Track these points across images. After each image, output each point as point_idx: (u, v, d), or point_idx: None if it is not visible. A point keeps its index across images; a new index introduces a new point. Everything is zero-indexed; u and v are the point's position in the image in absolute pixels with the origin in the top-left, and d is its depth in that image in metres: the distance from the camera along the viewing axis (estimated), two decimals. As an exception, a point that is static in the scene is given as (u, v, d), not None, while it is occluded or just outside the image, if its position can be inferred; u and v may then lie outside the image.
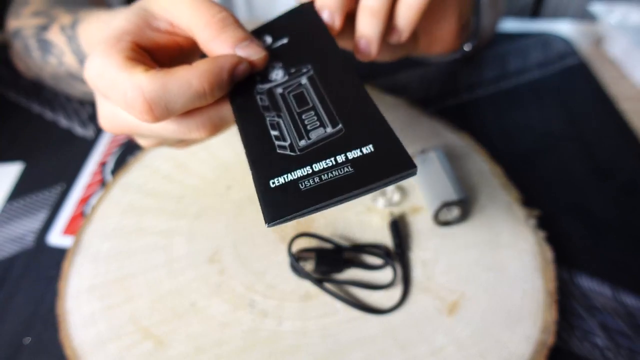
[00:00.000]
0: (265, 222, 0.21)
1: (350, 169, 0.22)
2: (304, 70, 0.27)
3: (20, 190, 0.45)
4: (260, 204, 0.22)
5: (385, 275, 0.35)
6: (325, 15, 0.30)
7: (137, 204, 0.41)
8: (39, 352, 0.33)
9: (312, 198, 0.21)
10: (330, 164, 0.22)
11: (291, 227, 0.38)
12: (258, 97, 0.27)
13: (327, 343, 0.32)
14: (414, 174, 0.21)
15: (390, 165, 0.21)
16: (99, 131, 0.51)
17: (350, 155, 0.22)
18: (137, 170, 0.44)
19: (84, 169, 0.47)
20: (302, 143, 0.24)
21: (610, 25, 0.61)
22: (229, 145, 0.46)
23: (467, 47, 0.43)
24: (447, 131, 0.46)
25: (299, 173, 0.22)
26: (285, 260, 0.36)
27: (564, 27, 0.67)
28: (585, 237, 0.39)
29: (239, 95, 0.27)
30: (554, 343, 0.31)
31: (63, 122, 0.52)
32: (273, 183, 0.22)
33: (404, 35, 0.31)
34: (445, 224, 0.38)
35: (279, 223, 0.21)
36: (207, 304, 0.34)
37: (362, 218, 0.39)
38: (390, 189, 0.40)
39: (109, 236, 0.38)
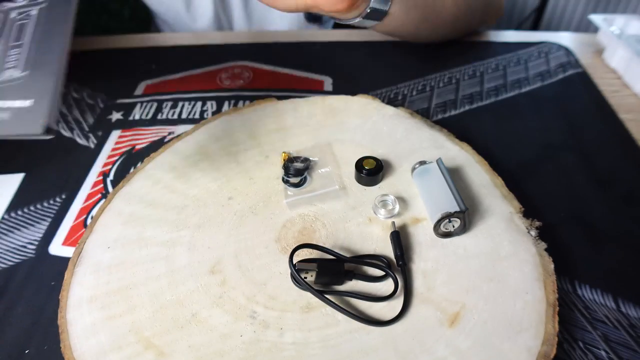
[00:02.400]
0: None
1: (5, 117, 0.25)
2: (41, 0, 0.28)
3: (22, 200, 0.45)
4: None
5: (386, 286, 0.35)
6: None
7: (138, 214, 0.41)
8: (39, 363, 0.33)
9: None
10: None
11: (292, 238, 0.38)
12: None
13: (328, 354, 0.31)
14: (41, 136, 0.25)
15: (24, 123, 0.24)
16: (100, 142, 0.51)
17: (17, 104, 0.25)
18: (139, 181, 0.44)
19: (85, 180, 0.47)
20: None
21: (610, 36, 0.61)
22: (231, 156, 0.46)
23: (360, 17, 0.47)
24: (447, 142, 0.46)
25: None
26: (286, 271, 0.36)
27: (564, 37, 0.68)
28: (586, 247, 0.39)
29: None
30: (555, 355, 0.31)
31: (64, 132, 0.53)
32: None
33: None
34: (446, 235, 0.38)
35: None
36: (208, 314, 0.34)
37: (363, 229, 0.39)
38: (391, 200, 0.40)
39: (111, 246, 0.38)
